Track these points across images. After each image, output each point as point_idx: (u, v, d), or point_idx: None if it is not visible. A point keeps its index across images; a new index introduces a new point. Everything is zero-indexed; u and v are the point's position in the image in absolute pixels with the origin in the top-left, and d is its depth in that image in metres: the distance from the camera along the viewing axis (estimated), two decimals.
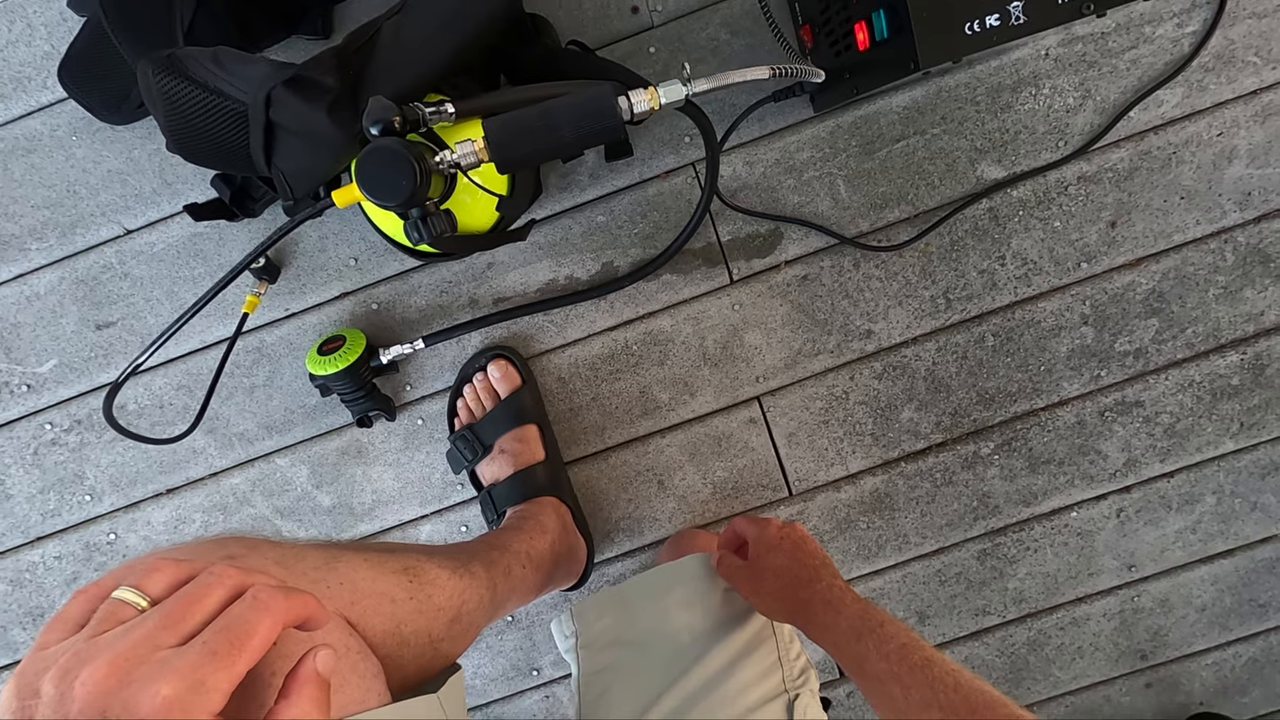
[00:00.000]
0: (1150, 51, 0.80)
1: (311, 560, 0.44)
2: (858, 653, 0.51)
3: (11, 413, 0.87)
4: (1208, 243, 0.85)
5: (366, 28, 0.51)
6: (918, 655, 0.48)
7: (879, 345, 0.86)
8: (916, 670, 0.47)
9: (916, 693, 0.46)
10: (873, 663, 0.50)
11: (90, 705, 0.27)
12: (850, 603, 0.54)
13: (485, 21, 0.51)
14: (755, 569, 0.62)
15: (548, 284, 0.85)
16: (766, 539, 0.63)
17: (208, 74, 0.49)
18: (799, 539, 0.62)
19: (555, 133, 0.43)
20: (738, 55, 0.80)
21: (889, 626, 0.51)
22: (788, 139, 0.82)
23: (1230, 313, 0.86)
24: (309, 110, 0.47)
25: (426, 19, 0.49)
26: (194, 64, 0.49)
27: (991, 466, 0.89)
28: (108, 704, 0.27)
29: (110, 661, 0.28)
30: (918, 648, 0.49)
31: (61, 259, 0.83)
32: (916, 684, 0.47)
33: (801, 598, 0.57)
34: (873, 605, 0.54)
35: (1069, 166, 0.83)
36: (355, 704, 0.38)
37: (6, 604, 0.91)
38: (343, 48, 0.51)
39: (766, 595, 0.60)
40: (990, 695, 0.45)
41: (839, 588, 0.56)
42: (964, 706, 0.44)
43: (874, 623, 0.51)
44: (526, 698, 0.95)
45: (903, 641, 0.49)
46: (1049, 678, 0.96)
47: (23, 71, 0.79)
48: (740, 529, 0.68)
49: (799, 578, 0.58)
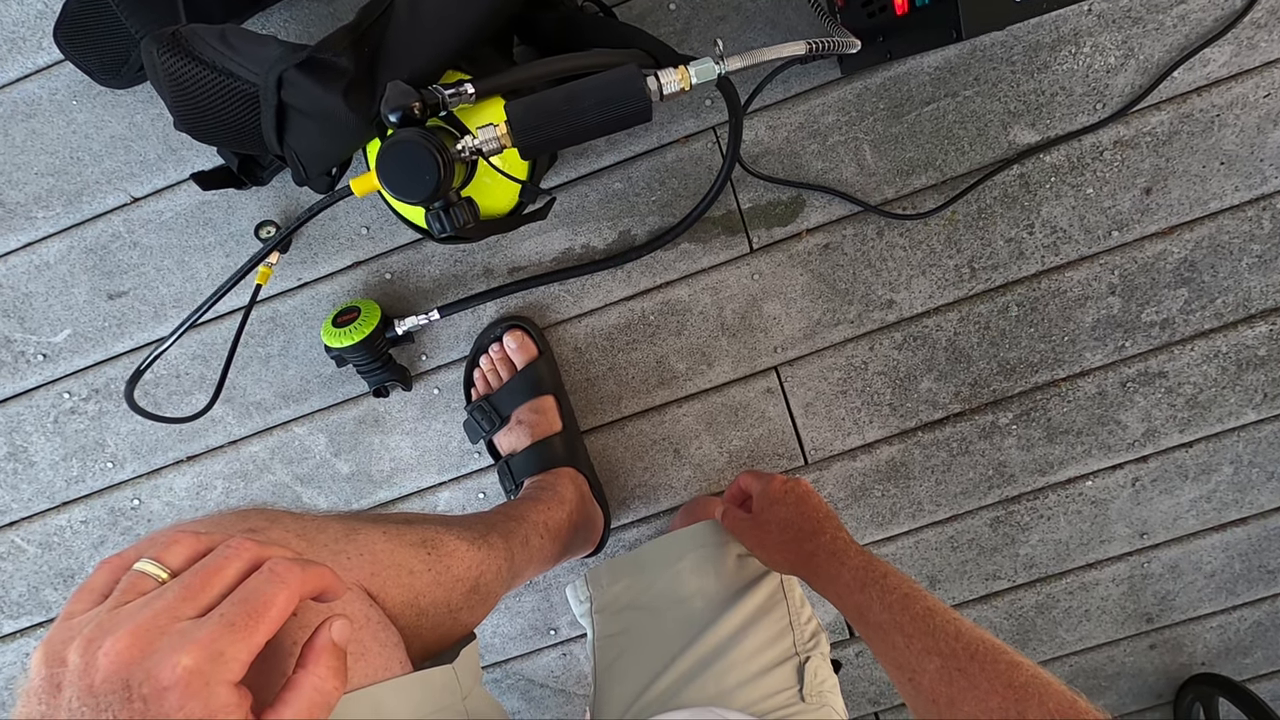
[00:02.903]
0: (1200, 6, 0.76)
1: (331, 533, 0.45)
2: (860, 603, 0.52)
3: (30, 381, 0.87)
4: (1245, 210, 0.82)
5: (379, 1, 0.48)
6: (919, 605, 0.49)
7: (900, 315, 0.85)
8: (918, 619, 0.48)
9: (918, 641, 0.47)
10: (875, 612, 0.50)
11: (113, 674, 0.28)
12: (853, 555, 0.55)
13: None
14: (760, 522, 0.63)
15: (564, 253, 0.83)
16: (770, 493, 0.63)
17: (215, 54, 0.47)
18: (803, 493, 0.63)
19: (581, 117, 0.41)
20: (762, 12, 0.76)
21: (891, 578, 0.52)
22: (813, 102, 0.78)
23: (1263, 282, 0.84)
24: (324, 94, 0.45)
25: None
26: (201, 43, 0.47)
27: (1009, 436, 0.89)
28: (130, 673, 0.28)
29: (132, 632, 0.29)
30: (919, 597, 0.49)
31: (69, 227, 0.82)
32: (918, 632, 0.47)
33: (805, 550, 0.58)
34: (875, 557, 0.55)
35: (1105, 130, 0.79)
36: (377, 672, 0.39)
37: (38, 565, 0.93)
38: (355, 25, 0.48)
39: (770, 548, 0.61)
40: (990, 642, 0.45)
41: (842, 540, 0.57)
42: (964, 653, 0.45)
43: (877, 574, 0.52)
44: (544, 655, 0.98)
45: (905, 591, 0.50)
46: (1054, 639, 0.98)
47: (16, 32, 0.76)
48: (745, 484, 0.69)
49: (803, 530, 0.59)
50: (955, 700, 0.44)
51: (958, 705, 0.44)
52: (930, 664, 0.46)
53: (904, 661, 0.48)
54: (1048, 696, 0.41)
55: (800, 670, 0.63)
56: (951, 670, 0.45)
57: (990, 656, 0.44)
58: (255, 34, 0.48)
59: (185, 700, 0.28)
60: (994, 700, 0.42)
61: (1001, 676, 0.43)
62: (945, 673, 0.45)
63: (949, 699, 0.45)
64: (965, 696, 0.44)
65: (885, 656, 0.50)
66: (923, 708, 0.48)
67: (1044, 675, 0.43)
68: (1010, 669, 0.43)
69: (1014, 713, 0.41)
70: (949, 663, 0.45)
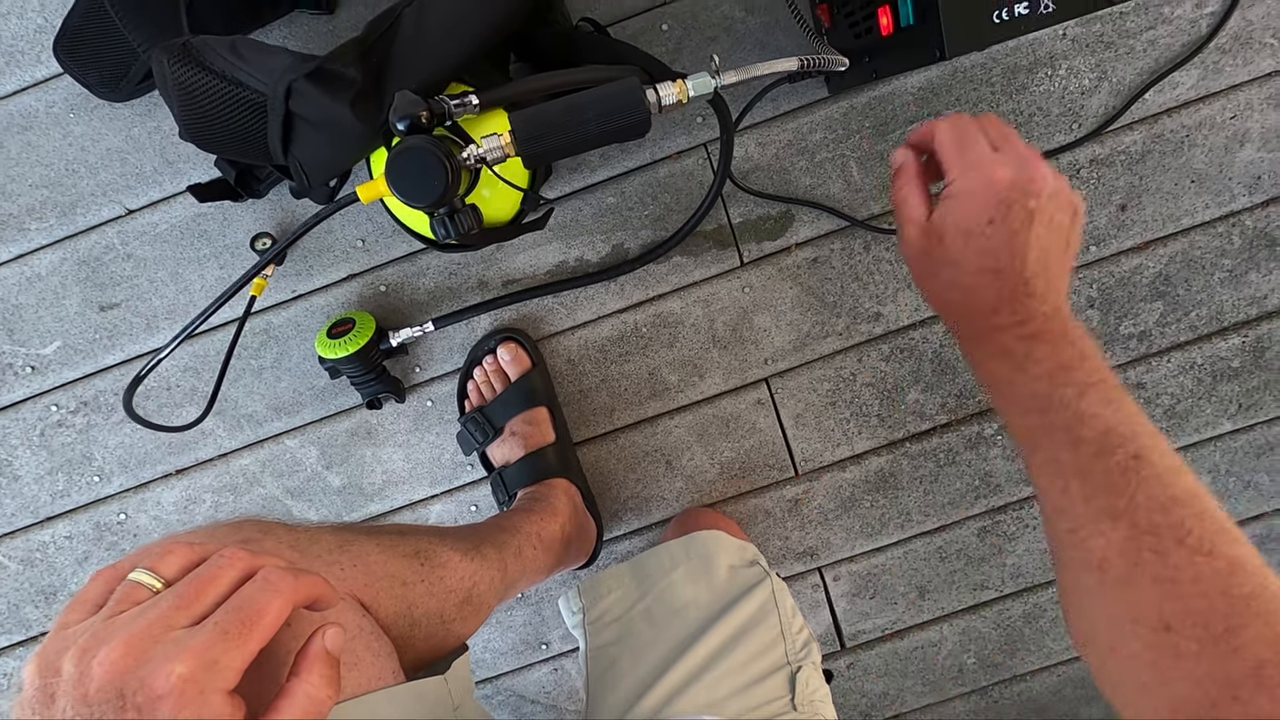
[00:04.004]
0: (1168, 32, 0.79)
1: (325, 544, 0.45)
2: (1035, 427, 0.38)
3: (17, 394, 0.86)
4: (1216, 226, 0.85)
5: (386, 15, 0.50)
6: (1123, 451, 0.35)
7: (887, 328, 0.87)
8: (1113, 472, 0.35)
9: (1102, 498, 0.35)
10: (1056, 447, 0.37)
11: (108, 684, 0.28)
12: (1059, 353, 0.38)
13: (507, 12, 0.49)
14: (938, 233, 0.41)
15: (557, 266, 0.84)
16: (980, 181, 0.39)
17: (226, 64, 0.48)
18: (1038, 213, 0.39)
19: (582, 127, 0.42)
20: (752, 34, 0.78)
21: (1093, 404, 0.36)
22: (801, 120, 0.81)
23: (1234, 296, 0.87)
24: (332, 103, 0.46)
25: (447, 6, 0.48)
26: (211, 54, 0.48)
27: (994, 447, 0.91)
28: (124, 682, 0.28)
29: (126, 641, 0.29)
30: (1130, 439, 0.35)
31: (62, 239, 0.82)
32: (1105, 488, 0.35)
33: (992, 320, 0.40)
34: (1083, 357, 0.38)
35: (1082, 149, 0.82)
36: (370, 682, 0.40)
37: (19, 582, 0.91)
38: (363, 38, 0.49)
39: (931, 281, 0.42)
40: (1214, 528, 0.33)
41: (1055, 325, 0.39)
42: (1170, 533, 0.33)
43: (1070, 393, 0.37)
44: (535, 670, 0.97)
45: (1108, 425, 0.36)
46: (1043, 648, 0.99)
47: (15, 45, 0.76)
48: (943, 138, 0.43)
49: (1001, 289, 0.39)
50: (1133, 580, 0.33)
51: (1135, 586, 0.33)
52: (1113, 530, 0.34)
53: (1067, 509, 0.36)
54: (1277, 618, 0.30)
55: (792, 680, 0.64)
56: (1142, 549, 0.33)
57: (1207, 547, 0.32)
58: (265, 45, 0.50)
59: (179, 708, 0.28)
60: (1198, 604, 0.31)
61: (1218, 579, 0.32)
62: (1131, 547, 0.34)
63: (1125, 577, 0.34)
64: (1153, 585, 0.33)
65: (1045, 494, 0.38)
66: (1077, 571, 0.36)
67: (1275, 589, 0.32)
68: (1232, 572, 0.32)
69: (1222, 627, 0.30)
70: (1141, 538, 0.34)
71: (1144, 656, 0.33)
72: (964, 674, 1.00)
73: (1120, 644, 0.34)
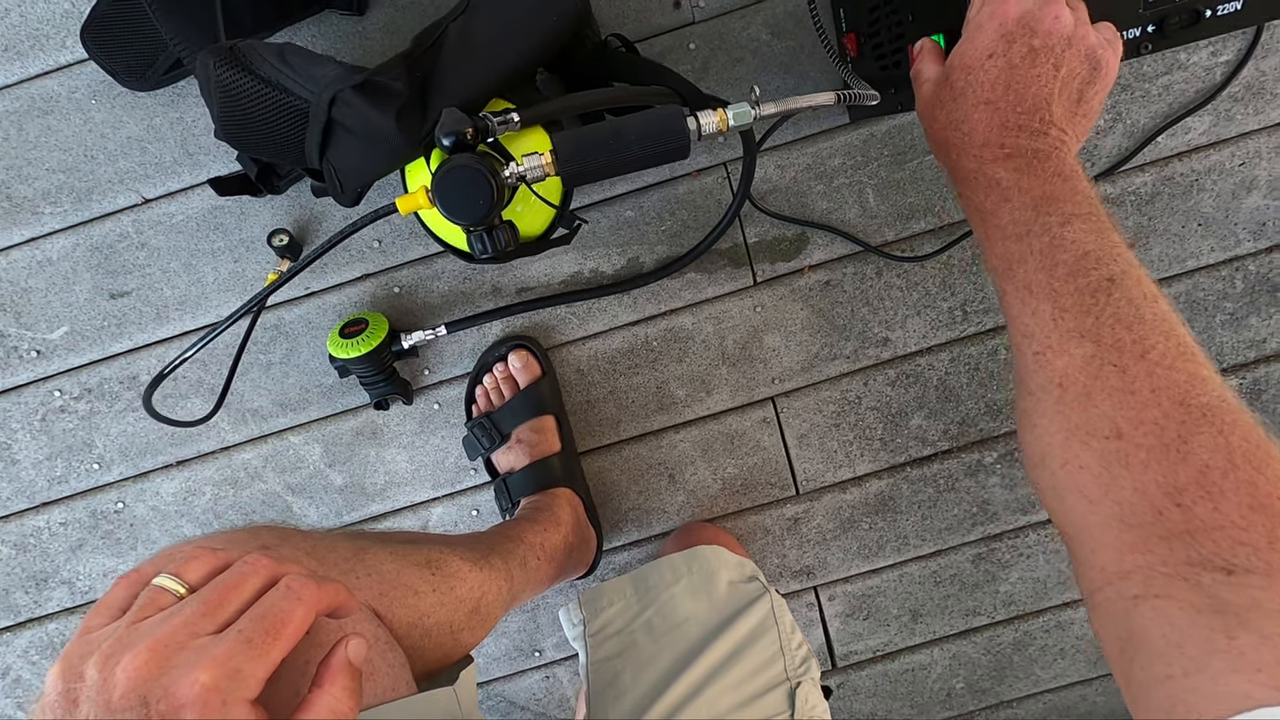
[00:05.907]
0: (1183, 78, 0.81)
1: (341, 551, 0.45)
2: (1013, 254, 0.38)
3: (20, 378, 0.85)
4: (1219, 269, 0.87)
5: (432, 29, 0.50)
6: (1097, 274, 0.35)
7: (895, 353, 0.88)
8: (1084, 293, 0.35)
9: (1070, 318, 0.35)
10: (1028, 269, 0.37)
11: (131, 691, 0.28)
12: (1047, 181, 0.39)
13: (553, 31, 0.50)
14: (945, 76, 0.43)
15: (572, 276, 0.85)
16: (990, 14, 0.40)
17: (273, 70, 0.48)
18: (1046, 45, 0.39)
19: (624, 151, 0.42)
20: (778, 58, 0.79)
21: (1075, 231, 0.37)
22: (821, 145, 0.82)
23: (1234, 338, 0.88)
24: (378, 114, 0.47)
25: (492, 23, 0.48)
26: (259, 59, 0.48)
27: (993, 475, 0.92)
28: (148, 690, 0.28)
29: (150, 648, 0.29)
30: (1106, 262, 0.35)
31: (76, 224, 0.81)
32: (1075, 309, 0.35)
33: (978, 157, 0.40)
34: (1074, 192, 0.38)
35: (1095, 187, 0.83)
36: (385, 692, 0.40)
37: (10, 568, 0.90)
38: (409, 52, 0.50)
39: (933, 124, 0.43)
40: (1177, 346, 0.33)
41: (1055, 160, 0.40)
42: (1132, 348, 0.33)
43: (1053, 220, 0.37)
44: (527, 677, 0.98)
45: (1086, 249, 0.36)
46: (1030, 676, 1.01)
47: (41, 29, 0.76)
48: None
49: (992, 121, 0.40)
50: (1093, 395, 0.33)
51: (1094, 401, 0.33)
52: (1077, 348, 0.34)
53: (1035, 332, 0.36)
54: (1230, 429, 0.30)
55: (791, 695, 0.65)
56: (1104, 364, 0.33)
57: (1168, 362, 0.32)
58: (313, 54, 0.50)
59: (202, 717, 0.28)
60: (1152, 413, 0.31)
61: (1175, 389, 0.32)
62: (1093, 363, 0.33)
63: (1084, 391, 0.33)
64: (1109, 397, 0.32)
65: (1015, 320, 0.38)
66: (1037, 391, 0.35)
67: (1233, 403, 0.32)
68: (1191, 384, 0.32)
69: (1174, 434, 0.30)
70: (1105, 354, 0.33)
71: (1093, 468, 0.32)
72: (952, 698, 1.01)
73: (1071, 458, 0.33)
